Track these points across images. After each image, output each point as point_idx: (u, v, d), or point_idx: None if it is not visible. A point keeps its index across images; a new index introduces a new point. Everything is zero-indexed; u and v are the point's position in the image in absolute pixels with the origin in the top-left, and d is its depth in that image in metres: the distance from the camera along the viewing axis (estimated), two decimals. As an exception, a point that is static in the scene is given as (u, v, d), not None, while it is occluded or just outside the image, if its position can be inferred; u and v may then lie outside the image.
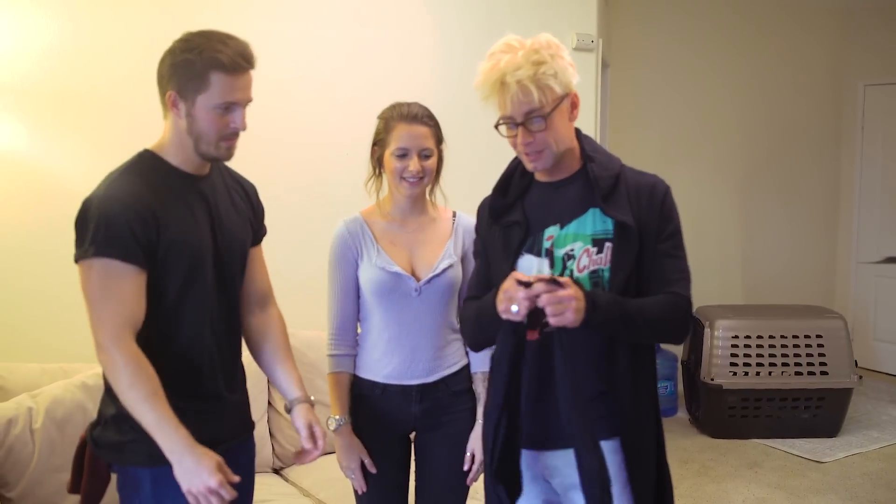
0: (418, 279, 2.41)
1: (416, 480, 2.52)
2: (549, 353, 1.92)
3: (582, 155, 2.06)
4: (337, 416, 2.43)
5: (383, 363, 2.43)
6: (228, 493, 1.85)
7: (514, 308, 1.85)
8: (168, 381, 1.99)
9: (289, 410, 2.27)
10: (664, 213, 2.00)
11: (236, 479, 1.89)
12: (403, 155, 2.36)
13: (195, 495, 1.84)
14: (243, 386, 2.24)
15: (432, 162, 2.40)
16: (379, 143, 2.42)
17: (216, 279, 2.07)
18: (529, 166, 2.02)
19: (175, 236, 1.96)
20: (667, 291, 1.97)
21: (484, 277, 2.12)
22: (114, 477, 2.06)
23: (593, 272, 1.96)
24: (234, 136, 2.01)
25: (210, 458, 1.86)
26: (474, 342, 2.19)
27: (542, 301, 1.82)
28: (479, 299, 2.08)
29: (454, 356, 2.48)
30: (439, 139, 2.44)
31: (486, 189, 2.18)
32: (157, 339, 1.99)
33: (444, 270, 2.42)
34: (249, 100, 2.01)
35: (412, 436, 2.51)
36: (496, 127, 1.98)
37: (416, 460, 2.52)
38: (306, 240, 3.63)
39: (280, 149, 3.80)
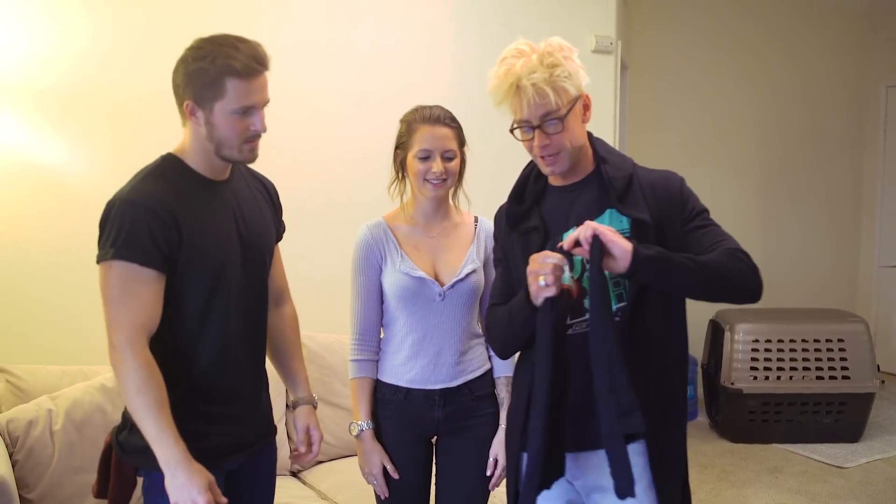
0: (442, 284, 2.41)
1: (436, 485, 2.51)
2: (575, 354, 1.91)
3: (595, 157, 2.06)
4: (359, 422, 2.43)
5: (407, 368, 2.42)
6: None
7: (542, 282, 1.83)
8: (195, 386, 2.01)
9: (293, 408, 2.36)
10: (684, 198, 2.01)
11: (224, 500, 1.92)
12: (426, 157, 2.36)
13: None
14: (267, 389, 2.26)
15: (455, 164, 2.40)
16: (401, 147, 2.42)
17: (244, 283, 2.09)
18: (546, 170, 2.02)
19: (197, 242, 1.96)
20: (719, 247, 1.92)
21: (506, 284, 2.11)
22: (139, 480, 2.06)
23: None
24: (255, 138, 2.02)
25: (202, 476, 1.88)
26: (504, 348, 2.15)
27: (592, 229, 1.78)
28: (505, 305, 2.07)
29: (477, 361, 2.48)
30: (462, 141, 2.43)
31: (507, 191, 2.17)
32: (184, 344, 2.00)
33: (468, 275, 2.42)
34: (266, 101, 2.01)
35: (434, 440, 2.50)
36: (511, 131, 1.98)
37: (437, 465, 2.51)
38: (326, 244, 3.64)
39: (300, 153, 3.80)
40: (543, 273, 1.83)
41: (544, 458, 1.88)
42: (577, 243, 1.82)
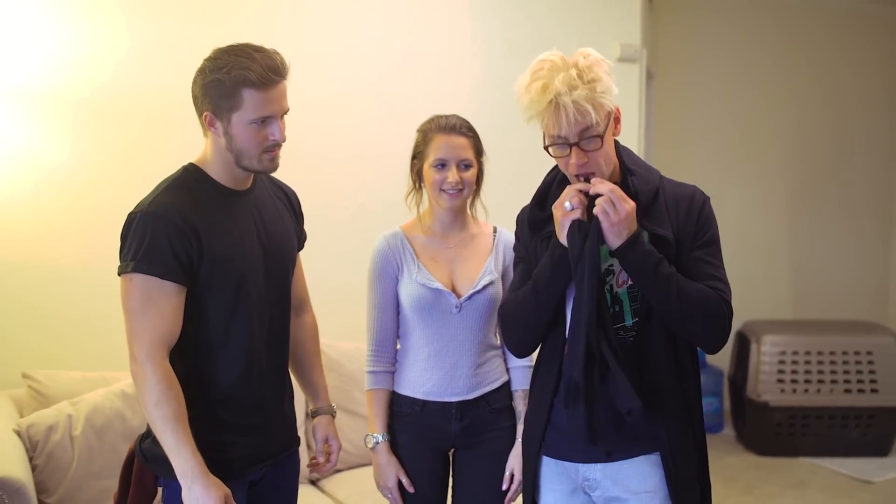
0: (459, 295, 2.38)
1: (453, 497, 2.49)
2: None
3: (621, 168, 2.03)
4: (375, 434, 2.41)
5: (423, 380, 2.40)
6: None
7: (568, 205, 1.87)
8: (220, 397, 2.02)
9: (312, 417, 2.37)
10: (701, 221, 1.98)
11: None
12: (442, 166, 2.34)
13: None
14: (291, 399, 2.26)
15: (472, 173, 2.37)
16: (418, 156, 2.41)
17: (267, 293, 2.08)
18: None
19: (219, 253, 1.97)
20: (708, 286, 1.93)
21: (526, 281, 2.08)
22: (160, 491, 2.06)
23: (632, 286, 1.97)
24: (275, 147, 2.02)
25: (218, 490, 1.89)
26: (523, 332, 2.08)
27: (604, 191, 1.84)
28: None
29: (494, 373, 2.45)
30: (479, 151, 2.41)
31: (526, 199, 2.15)
32: (208, 355, 2.01)
33: (485, 287, 2.39)
34: (285, 110, 2.01)
35: (451, 453, 2.48)
36: (546, 149, 1.94)
37: (454, 478, 2.48)
38: (346, 252, 3.63)
39: (321, 161, 3.80)
40: (568, 197, 1.87)
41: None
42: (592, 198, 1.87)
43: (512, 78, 1.94)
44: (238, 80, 1.91)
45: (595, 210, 1.84)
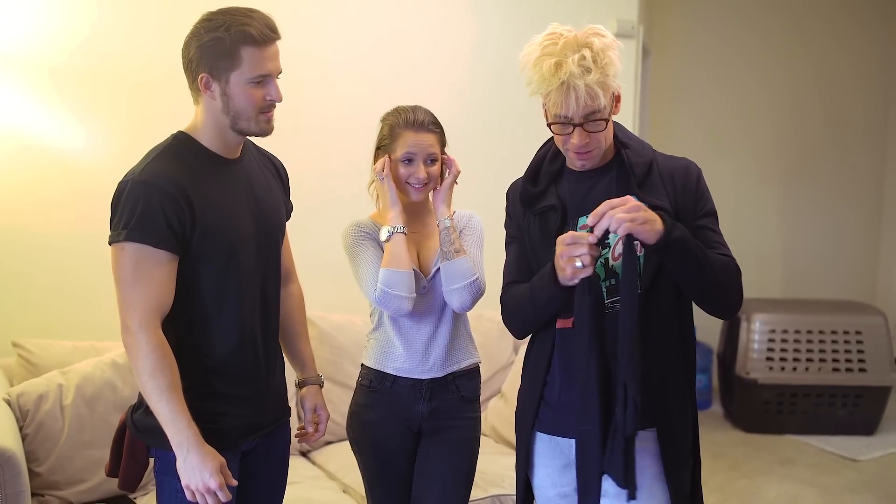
0: (425, 276, 2.40)
1: (413, 482, 2.46)
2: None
3: (615, 142, 2.03)
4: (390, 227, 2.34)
5: (394, 356, 2.42)
6: (224, 496, 1.89)
7: (579, 263, 1.81)
8: (212, 368, 2.02)
9: (299, 387, 2.37)
10: (699, 193, 2.00)
11: (235, 483, 1.93)
12: (409, 161, 2.36)
13: (192, 491, 1.89)
14: (282, 369, 2.26)
15: (437, 168, 2.40)
16: (383, 149, 2.41)
17: (257, 263, 2.08)
18: (577, 165, 1.99)
19: (211, 222, 1.96)
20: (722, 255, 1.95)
21: (521, 261, 2.09)
22: (151, 461, 2.07)
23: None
24: (271, 107, 2.01)
25: (214, 459, 1.89)
26: (522, 325, 2.11)
27: (620, 214, 1.76)
28: (523, 283, 2.05)
29: (465, 352, 2.47)
30: (444, 144, 2.43)
31: (518, 175, 2.14)
32: (200, 325, 2.00)
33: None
34: (280, 70, 2.01)
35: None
36: (549, 125, 1.94)
37: (416, 465, 2.46)
38: (340, 225, 3.61)
39: (314, 134, 3.78)
40: (580, 254, 1.81)
41: (601, 443, 1.88)
42: (606, 232, 1.81)
43: (507, 52, 1.94)
44: (239, 38, 1.91)
45: (621, 231, 1.78)
